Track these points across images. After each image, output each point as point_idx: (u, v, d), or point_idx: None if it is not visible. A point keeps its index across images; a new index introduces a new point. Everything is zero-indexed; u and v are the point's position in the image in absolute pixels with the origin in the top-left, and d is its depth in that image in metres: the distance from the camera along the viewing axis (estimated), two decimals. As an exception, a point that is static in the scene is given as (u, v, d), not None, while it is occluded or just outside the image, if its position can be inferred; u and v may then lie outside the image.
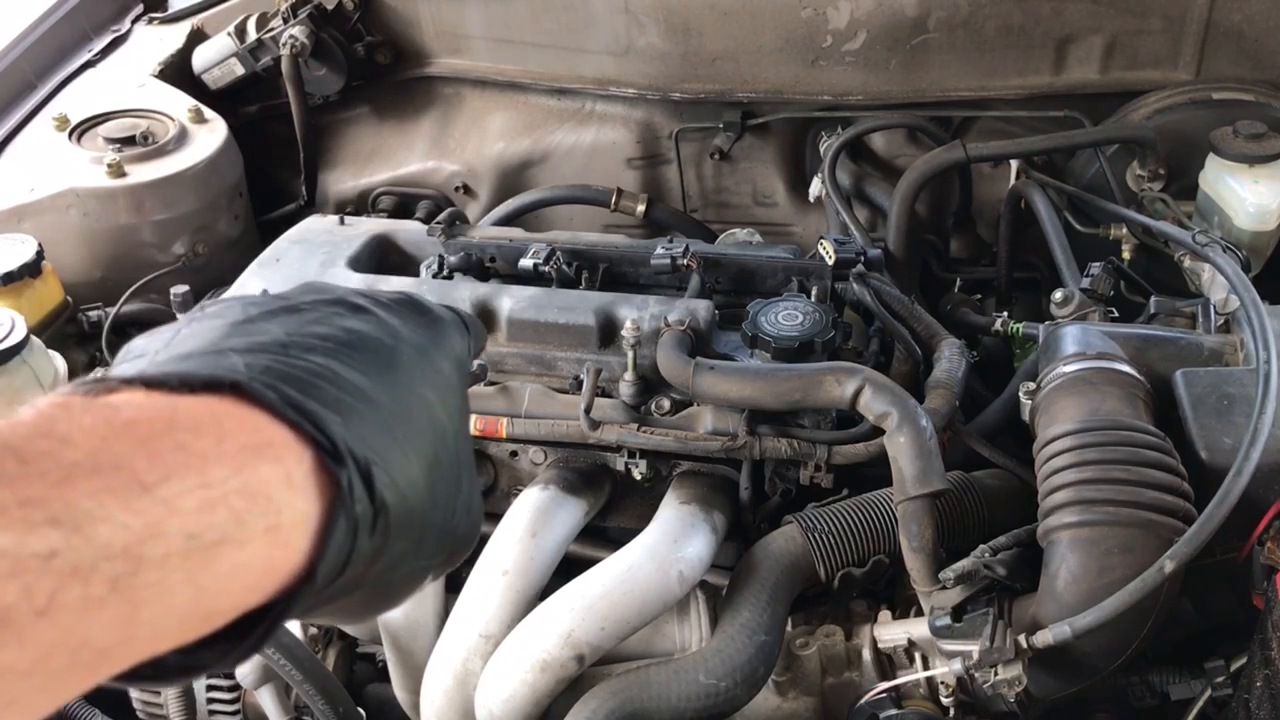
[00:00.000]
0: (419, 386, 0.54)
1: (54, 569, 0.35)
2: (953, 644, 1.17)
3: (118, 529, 0.36)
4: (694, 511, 1.33)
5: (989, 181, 2.11)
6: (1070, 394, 1.25)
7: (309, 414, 0.44)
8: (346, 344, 0.51)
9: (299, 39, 2.17)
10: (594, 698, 1.19)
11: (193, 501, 0.39)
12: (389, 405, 0.50)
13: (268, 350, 0.47)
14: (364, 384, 0.49)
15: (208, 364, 0.45)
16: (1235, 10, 1.89)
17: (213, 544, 0.39)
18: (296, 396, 0.45)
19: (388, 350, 0.53)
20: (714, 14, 2.04)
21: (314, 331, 0.50)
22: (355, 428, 0.47)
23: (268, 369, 0.45)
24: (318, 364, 0.48)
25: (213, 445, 0.41)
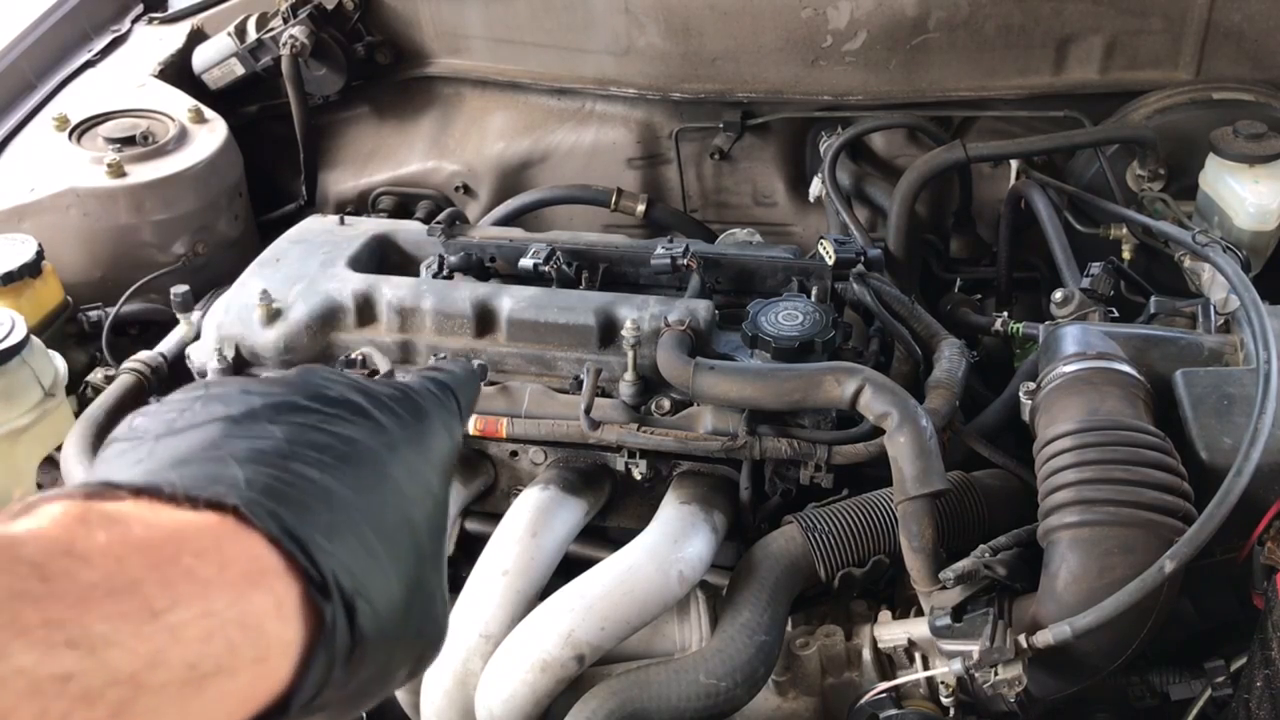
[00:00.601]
0: (408, 507, 0.55)
1: (68, 693, 0.36)
2: (953, 644, 1.17)
3: (127, 655, 0.38)
4: (694, 511, 1.33)
5: (989, 181, 2.11)
6: (1070, 394, 1.25)
7: (302, 543, 0.45)
8: (344, 458, 0.51)
9: (299, 39, 2.17)
10: (594, 698, 1.19)
11: (195, 631, 0.40)
12: (378, 529, 0.51)
13: (268, 462, 0.48)
14: (356, 505, 0.50)
15: (209, 474, 0.46)
16: (1235, 10, 1.89)
17: (208, 674, 0.41)
18: (292, 522, 0.46)
19: (382, 466, 0.54)
20: (714, 14, 2.04)
21: (313, 440, 0.51)
22: (343, 555, 0.47)
23: (266, 487, 0.46)
24: (315, 482, 0.49)
25: (215, 573, 0.42)
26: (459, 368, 0.70)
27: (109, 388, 1.64)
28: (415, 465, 0.57)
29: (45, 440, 1.61)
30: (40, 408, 1.58)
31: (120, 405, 1.61)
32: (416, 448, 0.58)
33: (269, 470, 0.47)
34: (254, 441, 0.49)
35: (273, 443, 0.49)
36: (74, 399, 1.70)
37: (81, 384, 1.73)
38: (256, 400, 0.52)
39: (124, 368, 1.66)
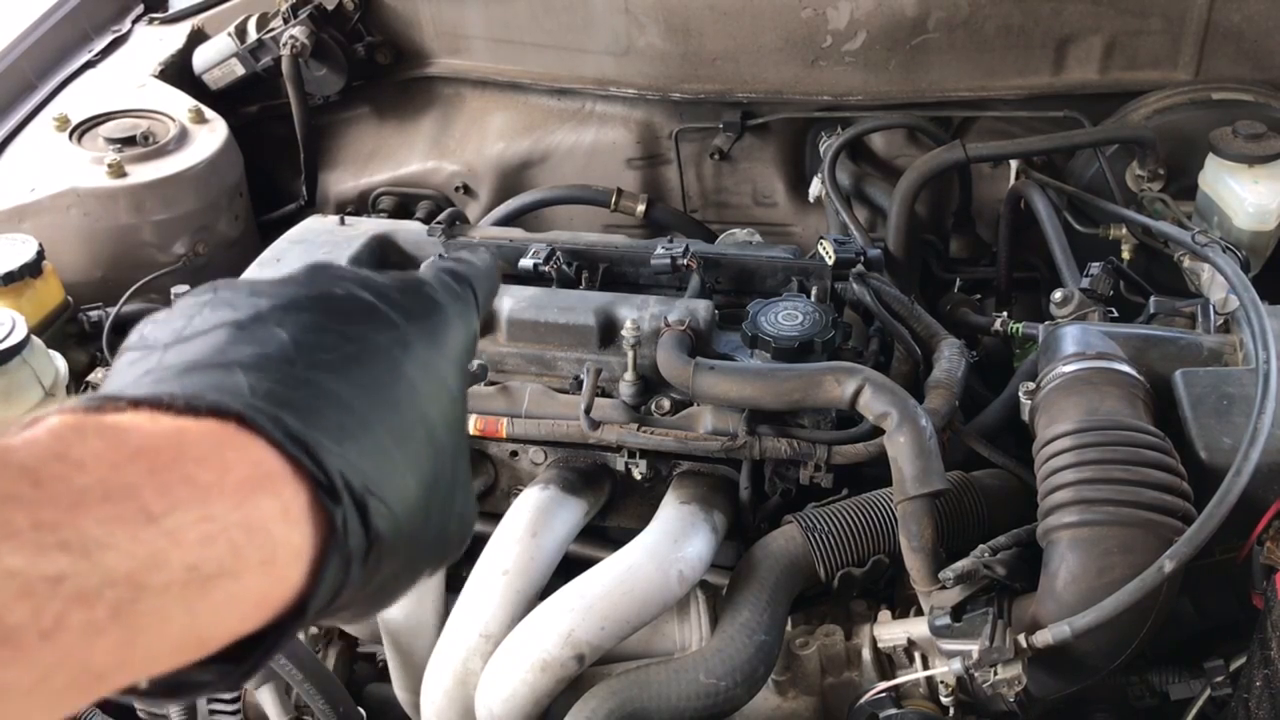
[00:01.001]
0: (422, 404, 0.54)
1: (61, 593, 0.36)
2: (952, 644, 1.17)
3: (123, 557, 0.38)
4: (694, 511, 1.33)
5: (989, 181, 2.11)
6: (1070, 394, 1.25)
7: (308, 447, 0.45)
8: (353, 358, 0.51)
9: (299, 39, 2.18)
10: (594, 697, 1.19)
11: (195, 534, 0.40)
12: (391, 428, 0.50)
13: (273, 367, 0.47)
14: (367, 406, 0.49)
15: (213, 382, 0.46)
16: (1235, 10, 1.89)
17: (211, 575, 0.40)
18: (297, 427, 0.45)
19: (394, 364, 0.53)
20: (714, 14, 2.04)
21: (321, 341, 0.50)
22: (354, 456, 0.47)
23: (270, 393, 0.46)
24: (322, 384, 0.48)
25: (216, 478, 0.42)
26: (476, 258, 0.68)
27: (109, 388, 1.64)
28: (429, 360, 0.56)
29: (46, 440, 1.61)
30: (41, 408, 1.57)
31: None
32: (429, 342, 0.57)
33: (274, 374, 0.47)
34: (260, 346, 0.48)
35: (279, 346, 0.49)
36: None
37: (82, 384, 1.73)
38: (263, 303, 0.52)
39: (124, 368, 1.66)
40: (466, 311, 0.63)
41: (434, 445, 0.54)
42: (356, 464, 0.47)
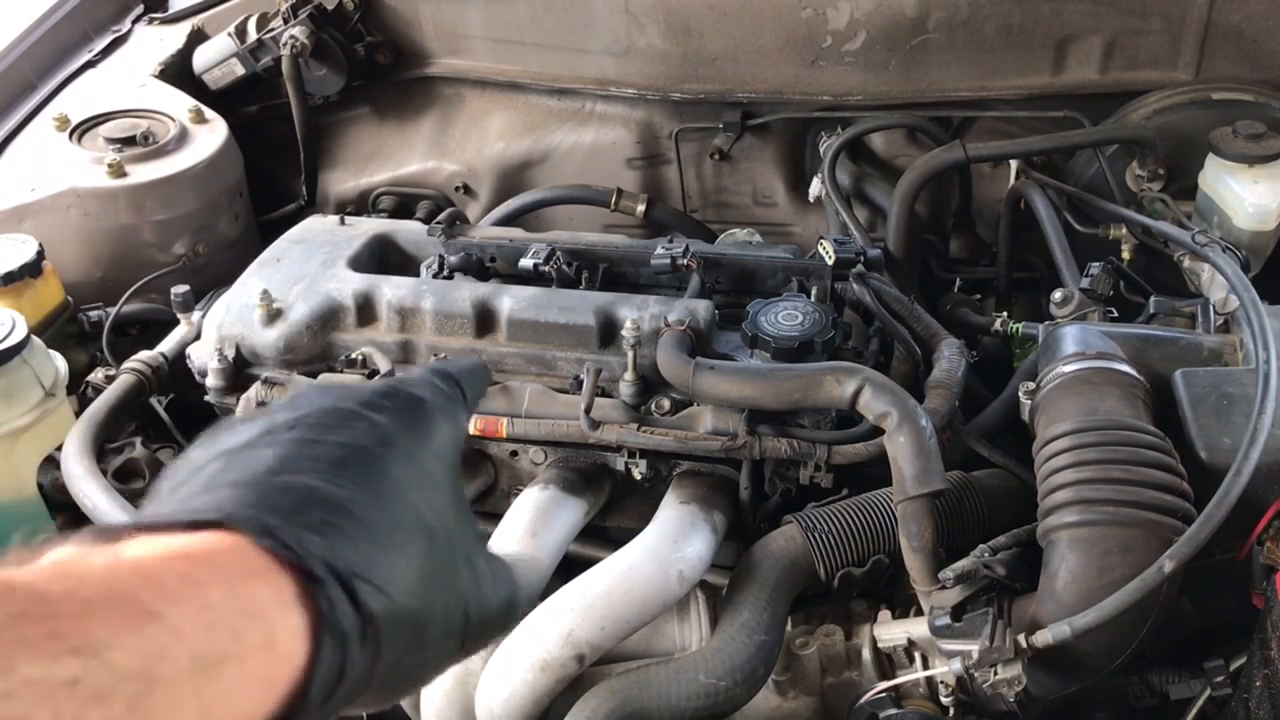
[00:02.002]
0: (406, 492, 0.57)
1: (78, 694, 0.38)
2: (952, 643, 1.17)
3: (131, 654, 0.41)
4: (694, 511, 1.33)
5: (989, 181, 2.11)
6: (1070, 394, 1.25)
7: (285, 539, 0.48)
8: (337, 461, 0.55)
9: (299, 39, 2.18)
10: (594, 697, 1.19)
11: (195, 625, 0.43)
12: (376, 518, 0.54)
13: (257, 480, 0.52)
14: (351, 500, 0.53)
15: (199, 504, 0.50)
16: (1235, 10, 1.89)
17: (215, 661, 0.43)
18: (274, 523, 0.49)
19: (375, 460, 0.57)
20: (714, 14, 2.04)
21: (305, 454, 0.54)
22: (339, 545, 0.50)
23: (251, 500, 0.50)
24: (303, 487, 0.52)
25: (209, 574, 0.45)
26: (466, 361, 0.73)
27: (109, 388, 1.64)
28: (412, 452, 0.59)
29: (46, 440, 1.61)
30: (41, 407, 1.58)
31: (120, 405, 1.61)
32: (413, 436, 0.60)
33: (258, 487, 0.51)
34: (246, 467, 0.53)
35: (264, 463, 0.53)
36: (74, 399, 1.70)
37: (82, 384, 1.73)
38: (254, 429, 0.56)
39: (124, 368, 1.67)
40: (453, 407, 0.66)
41: (423, 529, 0.57)
42: (342, 551, 0.50)
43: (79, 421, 1.56)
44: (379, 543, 0.53)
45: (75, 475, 1.47)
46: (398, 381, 0.65)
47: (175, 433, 1.72)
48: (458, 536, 0.60)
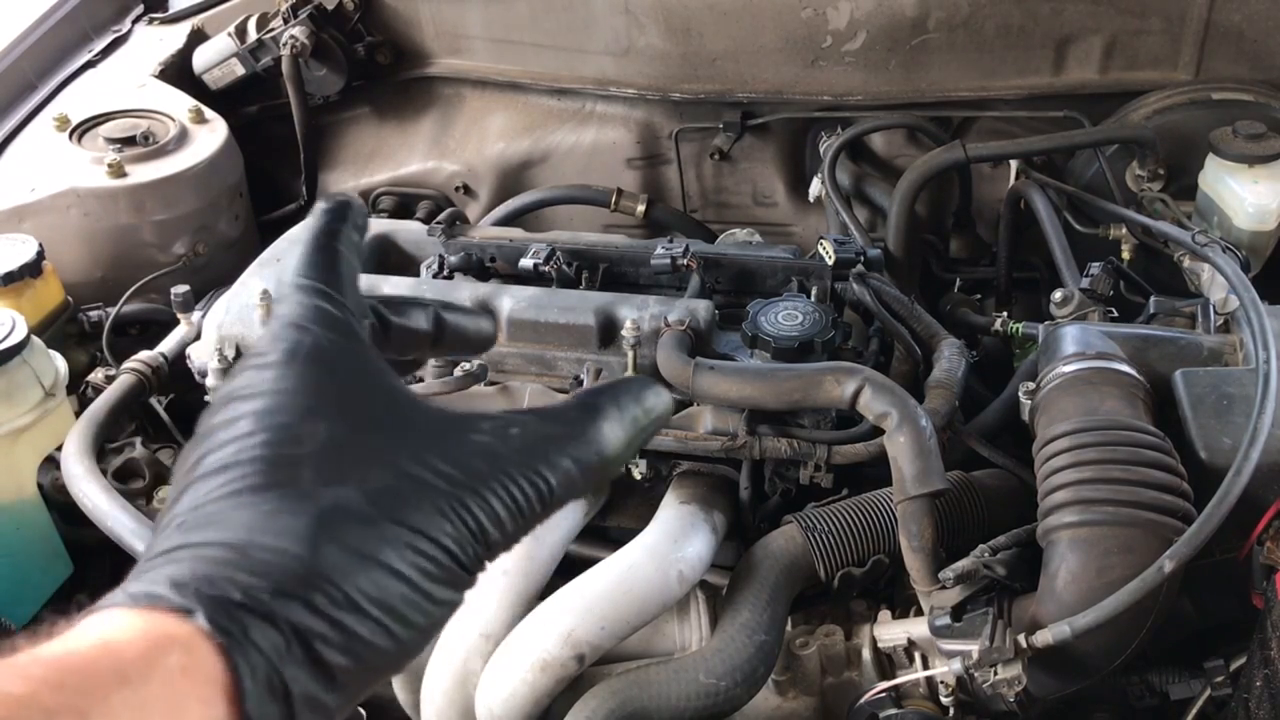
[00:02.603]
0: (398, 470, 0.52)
1: None
2: (952, 644, 1.17)
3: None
4: (694, 511, 1.33)
5: (989, 181, 2.11)
6: (1070, 394, 1.25)
7: (230, 630, 0.45)
8: (311, 483, 0.50)
9: (299, 39, 2.18)
10: (594, 698, 1.19)
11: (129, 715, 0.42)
12: (349, 566, 0.48)
13: (223, 543, 0.47)
14: (316, 556, 0.48)
15: (157, 574, 0.47)
16: (1235, 10, 1.89)
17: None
18: (224, 611, 0.45)
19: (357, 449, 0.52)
20: (714, 14, 2.04)
21: (272, 484, 0.50)
22: (298, 615, 0.46)
23: (210, 575, 0.46)
24: (266, 554, 0.47)
25: (145, 670, 0.43)
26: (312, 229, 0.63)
27: (109, 388, 1.64)
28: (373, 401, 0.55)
29: (45, 440, 1.61)
30: (41, 408, 1.58)
31: (120, 405, 1.61)
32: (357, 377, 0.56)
33: (219, 554, 0.48)
34: (213, 519, 0.49)
35: (231, 514, 0.49)
36: (74, 399, 1.70)
37: (82, 384, 1.73)
38: (225, 441, 0.52)
39: (124, 368, 1.67)
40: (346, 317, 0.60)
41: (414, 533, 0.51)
42: (304, 619, 0.46)
43: (79, 421, 1.56)
44: (352, 598, 0.47)
45: (75, 475, 1.47)
46: (292, 321, 0.56)
47: (175, 433, 1.72)
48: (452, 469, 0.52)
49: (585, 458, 0.55)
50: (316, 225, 0.61)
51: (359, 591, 0.47)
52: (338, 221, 0.62)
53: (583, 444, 0.55)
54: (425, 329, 0.64)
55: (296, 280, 0.58)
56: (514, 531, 0.53)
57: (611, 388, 0.58)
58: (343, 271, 0.59)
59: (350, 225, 0.62)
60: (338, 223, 0.62)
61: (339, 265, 0.60)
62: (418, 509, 0.50)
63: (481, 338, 0.69)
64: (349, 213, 0.63)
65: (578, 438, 0.55)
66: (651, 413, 0.58)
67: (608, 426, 0.56)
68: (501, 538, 0.52)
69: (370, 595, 0.47)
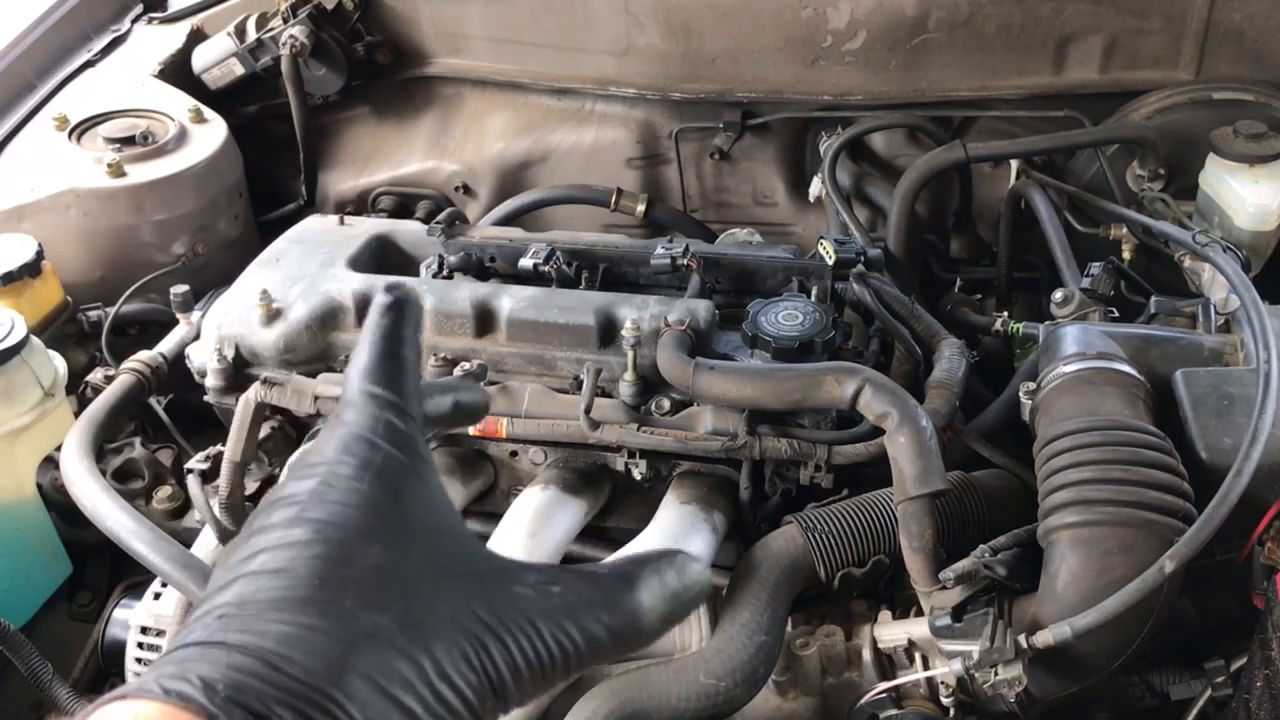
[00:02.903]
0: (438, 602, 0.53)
1: None
2: (953, 644, 1.17)
3: None
4: (694, 511, 1.33)
5: (989, 181, 2.11)
6: (1070, 394, 1.25)
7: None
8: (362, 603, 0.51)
9: (299, 39, 2.18)
10: (594, 698, 1.19)
11: None
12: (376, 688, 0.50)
13: (256, 651, 0.48)
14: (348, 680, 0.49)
15: (187, 670, 0.48)
16: (1235, 10, 1.89)
17: None
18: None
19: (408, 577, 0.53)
20: (714, 14, 2.04)
21: (320, 601, 0.51)
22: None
23: (237, 683, 0.47)
24: (294, 672, 0.48)
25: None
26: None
27: (109, 388, 1.64)
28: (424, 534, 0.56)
29: (45, 440, 1.61)
30: (40, 408, 1.58)
31: (120, 405, 1.61)
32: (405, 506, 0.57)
33: (251, 662, 0.49)
34: (250, 625, 0.50)
35: (271, 624, 0.50)
36: (74, 399, 1.70)
37: (81, 384, 1.73)
38: (277, 544, 0.53)
39: (124, 368, 1.67)
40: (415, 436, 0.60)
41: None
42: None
43: (78, 422, 1.56)
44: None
45: (75, 475, 1.47)
46: (364, 436, 0.56)
47: (175, 433, 1.72)
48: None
49: (619, 626, 0.56)
50: (381, 325, 0.61)
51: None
52: (401, 322, 0.61)
53: (619, 612, 0.56)
54: (446, 412, 0.67)
55: (366, 388, 0.58)
56: (532, 687, 0.54)
57: (656, 558, 0.59)
58: (408, 380, 0.59)
59: (411, 325, 0.61)
60: (401, 323, 0.61)
61: (406, 372, 0.60)
62: (447, 653, 0.51)
63: (481, 408, 0.71)
64: (409, 310, 0.62)
65: (615, 605, 0.56)
66: (692, 589, 0.59)
67: (646, 596, 0.57)
68: (518, 693, 0.53)
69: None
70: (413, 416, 0.58)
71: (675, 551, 0.60)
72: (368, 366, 0.59)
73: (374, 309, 0.61)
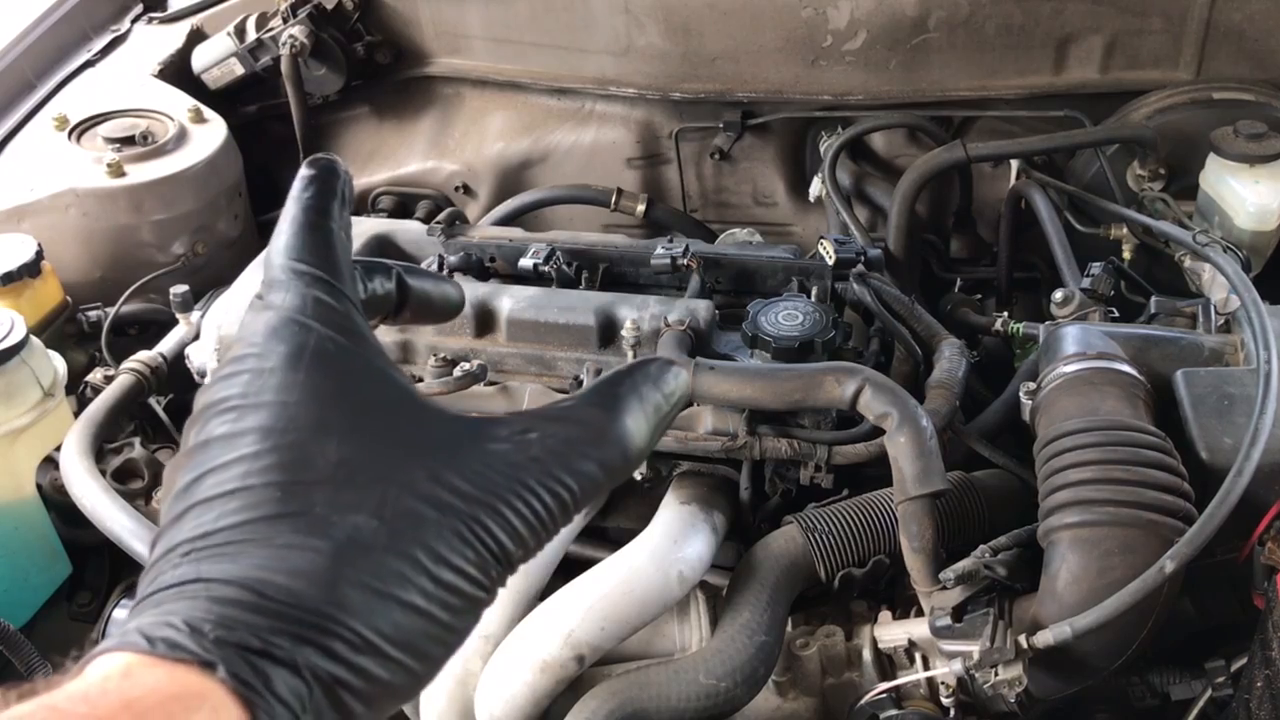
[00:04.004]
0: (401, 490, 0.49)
1: None
2: (953, 644, 1.17)
3: None
4: (694, 512, 1.33)
5: (989, 181, 2.11)
6: (1070, 394, 1.25)
7: (249, 680, 0.43)
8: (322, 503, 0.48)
9: (299, 39, 2.17)
10: (594, 698, 1.19)
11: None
12: (366, 603, 0.46)
13: (234, 580, 0.45)
14: (332, 595, 0.46)
15: (169, 616, 0.45)
16: (1235, 10, 1.88)
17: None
18: (243, 656, 0.44)
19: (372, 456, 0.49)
20: (714, 14, 2.04)
21: (278, 503, 0.47)
22: (317, 660, 0.44)
23: (225, 618, 0.44)
24: (280, 594, 0.45)
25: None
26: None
27: (108, 388, 1.64)
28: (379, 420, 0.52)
29: (45, 440, 1.61)
30: (40, 408, 1.58)
31: (119, 405, 1.61)
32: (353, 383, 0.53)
33: (231, 594, 0.46)
34: (224, 557, 0.47)
35: (240, 550, 0.47)
36: (73, 399, 1.70)
37: (81, 384, 1.73)
38: (227, 459, 0.49)
39: (123, 368, 1.67)
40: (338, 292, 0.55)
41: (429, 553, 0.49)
42: (322, 665, 0.44)
43: (78, 422, 1.56)
44: (374, 642, 0.45)
45: (74, 475, 1.47)
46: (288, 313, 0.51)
47: (174, 433, 1.72)
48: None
49: (610, 458, 0.52)
50: (305, 198, 0.56)
51: (380, 635, 0.45)
52: (327, 193, 0.56)
53: (607, 444, 0.52)
54: (390, 292, 0.60)
55: (290, 264, 0.53)
56: (535, 545, 0.51)
57: (630, 375, 0.55)
58: (338, 253, 0.55)
59: (339, 197, 0.57)
60: (327, 195, 0.56)
61: (334, 245, 0.55)
62: (438, 535, 0.47)
63: (446, 303, 0.65)
64: (335, 181, 0.57)
65: (600, 438, 0.52)
66: (672, 397, 0.56)
67: (631, 420, 0.53)
68: (522, 552, 0.50)
69: (392, 637, 0.46)
70: (345, 293, 0.53)
71: (647, 361, 0.56)
72: (290, 242, 0.54)
73: (296, 183, 0.56)
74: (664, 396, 0.55)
